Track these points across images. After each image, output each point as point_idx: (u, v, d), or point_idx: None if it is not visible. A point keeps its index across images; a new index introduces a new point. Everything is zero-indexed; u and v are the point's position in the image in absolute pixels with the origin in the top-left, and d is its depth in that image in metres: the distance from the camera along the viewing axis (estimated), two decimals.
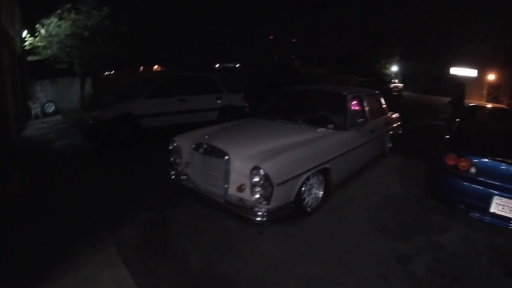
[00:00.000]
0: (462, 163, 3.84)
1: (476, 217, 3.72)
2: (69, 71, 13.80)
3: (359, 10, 34.78)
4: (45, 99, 14.32)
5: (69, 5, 12.08)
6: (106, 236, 3.49)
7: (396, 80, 27.35)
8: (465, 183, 3.76)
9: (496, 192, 3.57)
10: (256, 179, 3.30)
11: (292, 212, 3.65)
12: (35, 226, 3.73)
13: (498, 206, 3.55)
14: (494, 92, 28.21)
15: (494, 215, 3.59)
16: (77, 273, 2.88)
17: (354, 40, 35.81)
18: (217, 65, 35.18)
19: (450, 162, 3.94)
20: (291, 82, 12.76)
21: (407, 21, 32.70)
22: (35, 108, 13.33)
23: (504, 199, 3.53)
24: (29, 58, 12.46)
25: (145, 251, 3.28)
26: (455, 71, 30.12)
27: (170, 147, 4.42)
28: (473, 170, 3.77)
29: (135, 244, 3.40)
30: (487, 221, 3.66)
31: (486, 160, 3.72)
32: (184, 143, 4.29)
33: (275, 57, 35.51)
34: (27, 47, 12.11)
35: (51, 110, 14.28)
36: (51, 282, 2.77)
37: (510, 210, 3.48)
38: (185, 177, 4.10)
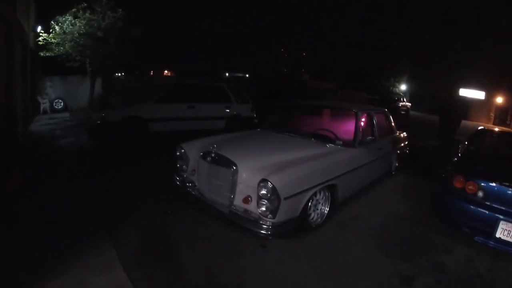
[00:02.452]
0: (469, 187, 3.81)
1: (480, 241, 3.68)
2: (80, 69, 13.94)
3: (370, 28, 34.94)
4: (54, 95, 14.44)
5: (84, 4, 12.25)
6: (106, 239, 3.46)
7: (404, 99, 27.32)
8: (472, 207, 3.73)
9: (502, 217, 3.53)
10: (263, 191, 3.28)
11: (296, 227, 3.62)
12: (33, 225, 3.69)
13: (504, 231, 3.51)
14: (501, 115, 28.18)
15: (499, 240, 3.55)
16: (73, 274, 2.85)
17: (363, 56, 35.83)
18: (226, 74, 35.46)
19: (458, 184, 3.91)
20: (298, 96, 12.77)
21: (416, 41, 32.85)
22: (44, 104, 13.44)
23: (510, 224, 3.49)
24: (42, 54, 12.61)
25: (145, 256, 3.25)
26: (463, 92, 30.15)
27: (177, 153, 4.41)
28: (480, 194, 3.74)
29: (136, 249, 3.37)
30: (491, 245, 3.62)
31: (494, 184, 3.69)
32: (191, 150, 4.28)
33: (284, 70, 35.66)
34: (40, 43, 12.26)
35: (60, 107, 14.39)
36: (45, 282, 2.73)
37: None
38: (190, 184, 4.09)
